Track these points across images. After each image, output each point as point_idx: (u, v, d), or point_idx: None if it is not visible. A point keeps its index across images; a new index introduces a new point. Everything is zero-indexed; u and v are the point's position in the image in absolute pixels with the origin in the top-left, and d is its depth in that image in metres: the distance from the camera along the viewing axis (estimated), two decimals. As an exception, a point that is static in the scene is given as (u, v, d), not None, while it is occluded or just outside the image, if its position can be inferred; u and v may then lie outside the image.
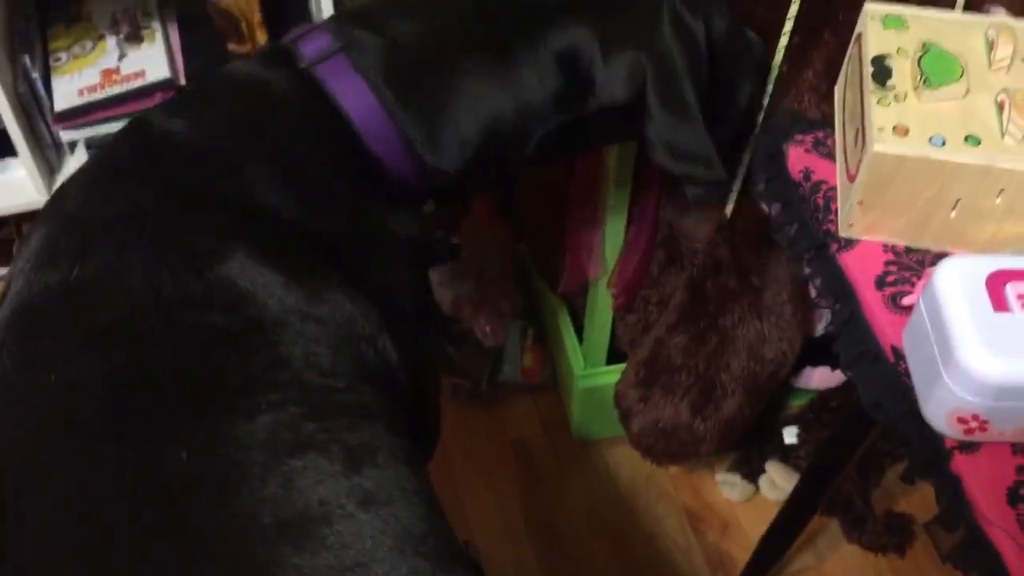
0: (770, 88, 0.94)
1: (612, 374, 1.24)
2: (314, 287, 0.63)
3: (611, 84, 0.74)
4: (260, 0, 1.23)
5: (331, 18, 0.78)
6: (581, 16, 0.74)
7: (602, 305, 1.21)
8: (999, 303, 0.59)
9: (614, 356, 1.31)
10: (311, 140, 0.71)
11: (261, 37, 1.25)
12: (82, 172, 0.69)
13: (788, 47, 0.95)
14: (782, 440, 1.35)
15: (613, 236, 1.14)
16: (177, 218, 0.63)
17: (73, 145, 1.28)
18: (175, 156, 0.66)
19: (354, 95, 0.71)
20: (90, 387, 0.55)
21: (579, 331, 1.35)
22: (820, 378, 1.28)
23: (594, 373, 1.32)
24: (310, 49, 0.73)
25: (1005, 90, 0.70)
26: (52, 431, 0.55)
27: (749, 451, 1.37)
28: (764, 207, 0.98)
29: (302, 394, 0.56)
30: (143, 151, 0.68)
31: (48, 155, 1.26)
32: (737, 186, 1.06)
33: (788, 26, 0.93)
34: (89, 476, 0.52)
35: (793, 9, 0.92)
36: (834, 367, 1.25)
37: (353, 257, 0.68)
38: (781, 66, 0.96)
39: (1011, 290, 0.60)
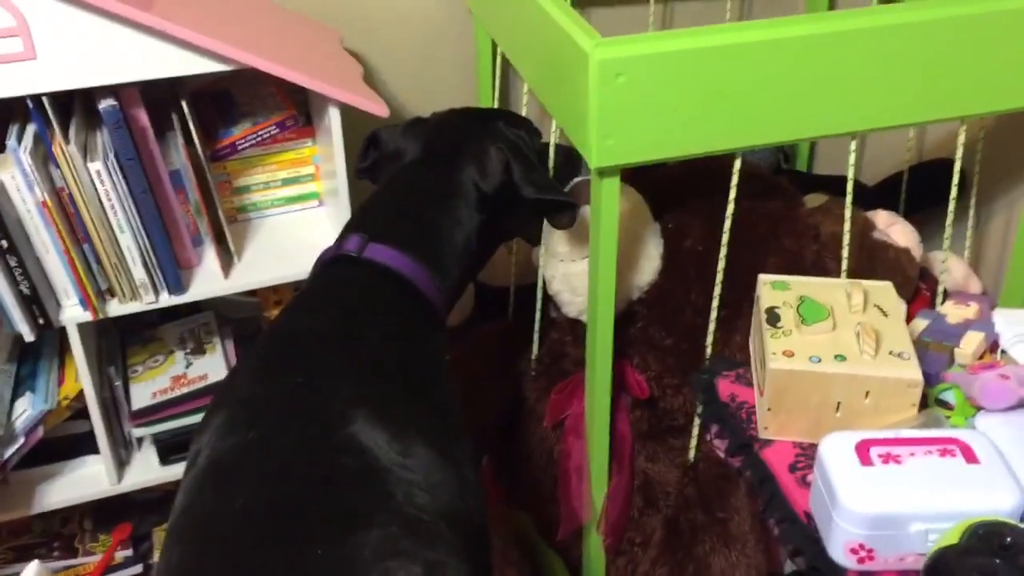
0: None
1: (610, 620, 1.39)
2: (406, 444, 0.89)
3: (492, 174, 1.16)
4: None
5: (347, 225, 1.14)
6: (462, 152, 1.18)
7: (595, 551, 1.39)
8: (865, 460, 0.82)
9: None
10: (391, 295, 1.06)
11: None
12: (244, 367, 0.97)
13: (718, 319, 1.24)
14: None
15: (597, 486, 1.36)
16: (317, 392, 0.90)
17: (141, 441, 1.53)
18: (309, 346, 0.96)
19: (395, 260, 1.07)
20: (262, 510, 0.81)
21: (578, 585, 1.51)
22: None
23: (594, 621, 1.46)
24: (352, 246, 1.07)
25: (860, 324, 0.97)
26: (239, 539, 0.80)
27: None
28: (718, 450, 1.22)
29: (401, 520, 0.81)
30: (283, 346, 0.98)
31: (120, 452, 1.49)
32: (695, 433, 1.29)
33: (715, 303, 1.22)
34: (258, 565, 0.78)
35: (717, 290, 1.22)
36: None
37: (425, 375, 1.00)
38: (715, 333, 1.25)
39: (873, 451, 0.83)
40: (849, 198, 1.21)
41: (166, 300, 1.36)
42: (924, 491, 0.79)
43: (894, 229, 1.41)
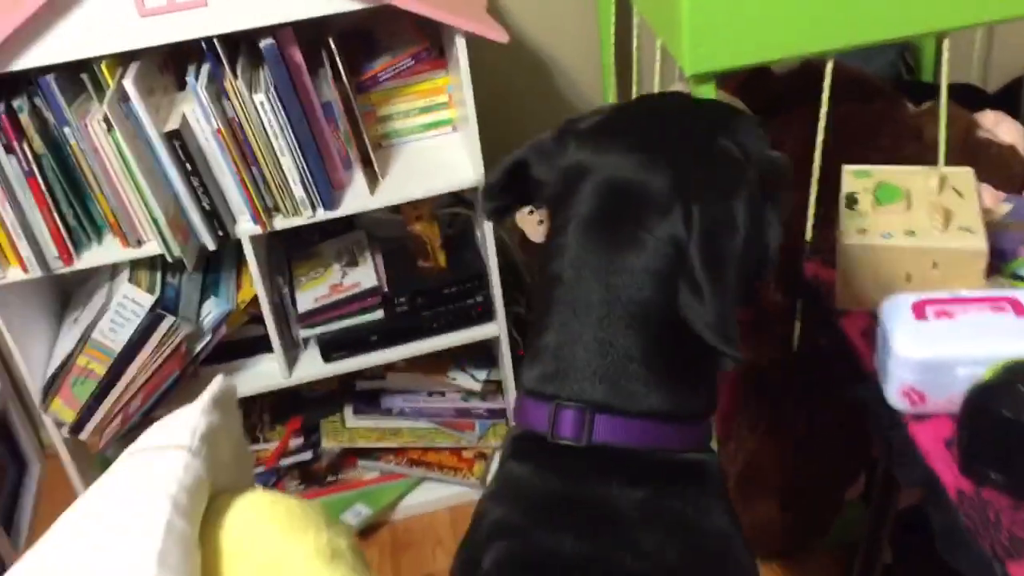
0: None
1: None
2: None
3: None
4: (440, 228, 1.70)
5: (534, 387, 0.80)
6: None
7: (707, 436, 1.51)
8: (920, 315, 0.91)
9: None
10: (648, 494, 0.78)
11: (441, 257, 1.71)
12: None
13: (816, 215, 1.32)
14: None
15: (708, 376, 1.47)
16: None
17: (307, 341, 1.75)
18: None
19: (639, 435, 0.78)
20: None
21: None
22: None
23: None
24: (568, 430, 0.77)
25: (931, 203, 1.04)
26: None
27: None
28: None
29: None
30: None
31: (289, 350, 1.72)
32: (798, 315, 1.39)
33: (812, 195, 1.30)
34: None
35: (813, 188, 1.30)
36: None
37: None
38: (814, 230, 1.33)
39: (929, 309, 0.92)
40: (944, 96, 1.26)
41: (322, 215, 1.56)
42: (971, 339, 0.87)
43: (1001, 127, 1.44)
